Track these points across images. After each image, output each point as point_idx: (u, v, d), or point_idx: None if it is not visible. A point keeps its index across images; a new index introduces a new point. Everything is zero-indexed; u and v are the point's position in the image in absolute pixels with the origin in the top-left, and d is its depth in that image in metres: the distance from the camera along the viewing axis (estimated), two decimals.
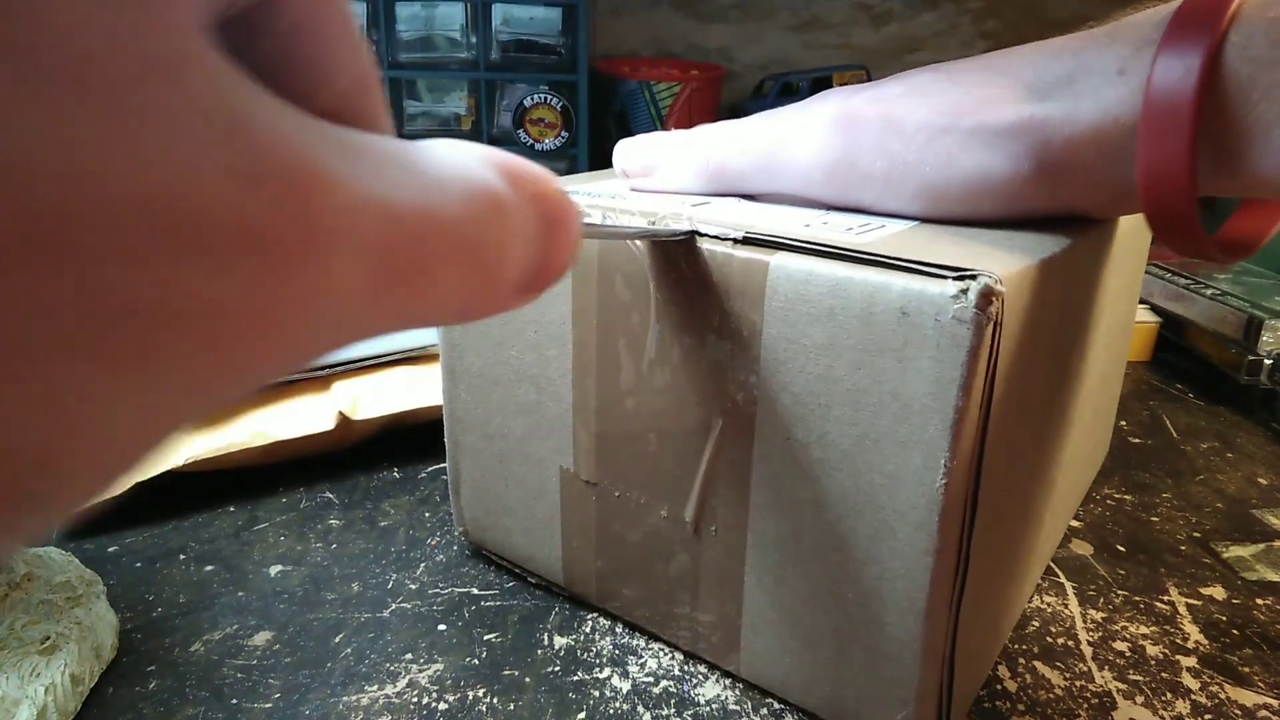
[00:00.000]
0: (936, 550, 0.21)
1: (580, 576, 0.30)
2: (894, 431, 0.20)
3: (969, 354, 0.19)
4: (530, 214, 0.12)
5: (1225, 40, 0.20)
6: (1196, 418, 0.48)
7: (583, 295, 0.26)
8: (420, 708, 0.26)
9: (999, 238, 0.23)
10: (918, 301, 0.19)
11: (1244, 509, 0.38)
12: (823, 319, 0.21)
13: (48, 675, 0.24)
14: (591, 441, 0.27)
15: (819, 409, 0.22)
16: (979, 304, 0.19)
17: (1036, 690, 0.27)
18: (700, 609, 0.27)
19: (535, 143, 0.72)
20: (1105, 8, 0.24)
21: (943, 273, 0.19)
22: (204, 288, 0.08)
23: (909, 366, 0.20)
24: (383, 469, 0.40)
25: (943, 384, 0.19)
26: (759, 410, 0.23)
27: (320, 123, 0.09)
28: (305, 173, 0.09)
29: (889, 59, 0.98)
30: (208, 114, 0.08)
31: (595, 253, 0.25)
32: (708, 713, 0.26)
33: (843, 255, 0.21)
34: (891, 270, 0.20)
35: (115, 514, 0.35)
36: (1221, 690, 0.27)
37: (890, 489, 0.21)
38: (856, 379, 0.21)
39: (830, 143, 0.26)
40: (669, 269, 0.24)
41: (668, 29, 0.96)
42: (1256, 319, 0.48)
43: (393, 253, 0.10)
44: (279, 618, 0.30)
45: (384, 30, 0.69)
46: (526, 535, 0.31)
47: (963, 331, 0.19)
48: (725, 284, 0.23)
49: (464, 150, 0.12)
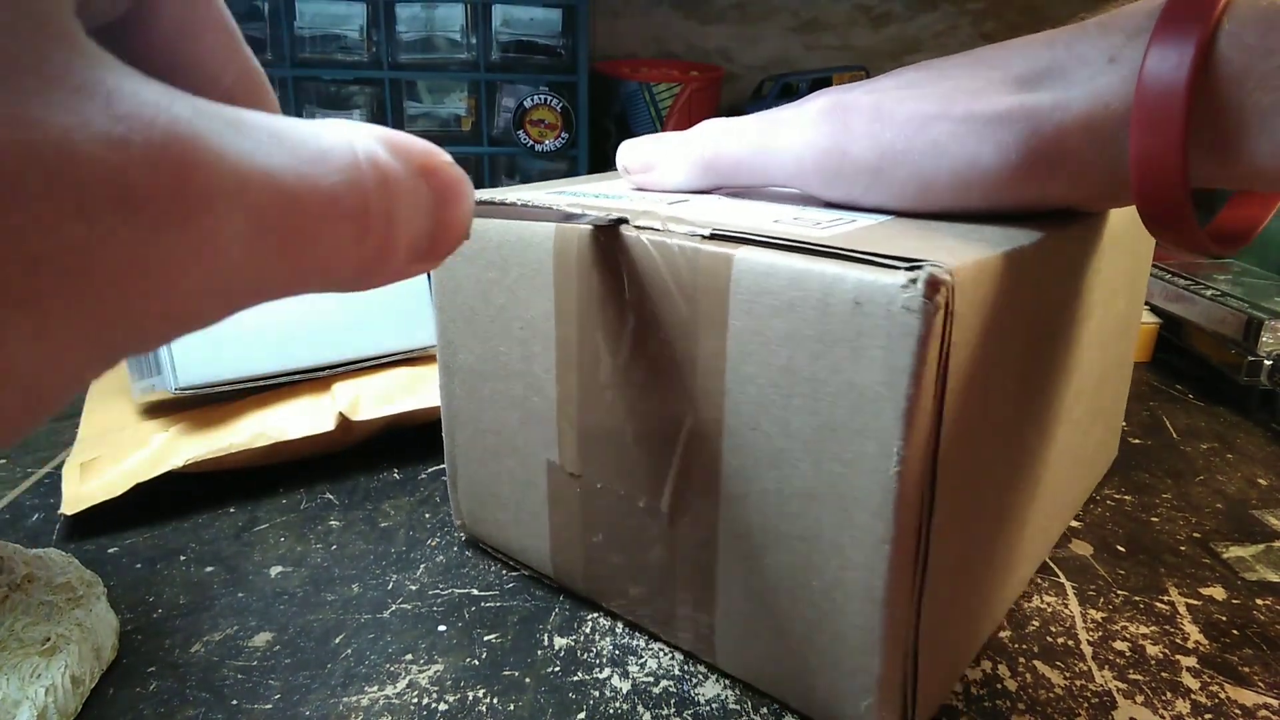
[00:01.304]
0: (894, 538, 0.21)
1: (567, 568, 0.30)
2: (850, 420, 0.21)
3: (919, 342, 0.19)
4: (420, 186, 0.13)
5: (1219, 29, 0.20)
6: (1196, 418, 0.48)
7: (565, 291, 0.26)
8: (420, 708, 0.26)
9: (968, 230, 0.24)
10: (870, 291, 0.20)
11: (1244, 509, 0.38)
12: (784, 311, 0.21)
13: (48, 676, 0.24)
14: (574, 435, 0.28)
15: (782, 399, 0.22)
16: (926, 293, 0.19)
17: (1037, 689, 0.27)
18: (679, 600, 0.27)
19: (535, 144, 0.72)
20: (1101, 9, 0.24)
21: (894, 264, 0.20)
22: (91, 241, 0.09)
23: (863, 356, 0.20)
24: (383, 470, 0.40)
25: (895, 372, 0.20)
26: (727, 402, 0.23)
27: (203, 100, 0.10)
28: (179, 138, 0.10)
29: (888, 60, 0.98)
30: (86, 86, 0.09)
31: (575, 248, 0.25)
32: (708, 712, 0.26)
33: (803, 249, 0.21)
34: (847, 262, 0.20)
35: (116, 515, 0.35)
36: (1221, 690, 0.27)
37: (848, 477, 0.21)
38: (816, 369, 0.21)
39: (822, 130, 0.26)
40: (639, 264, 0.24)
41: (667, 30, 0.96)
42: (1256, 320, 0.48)
43: (273, 216, 0.11)
44: (279, 619, 0.30)
45: (384, 31, 0.69)
46: (518, 528, 0.31)
47: (912, 320, 0.19)
48: (694, 279, 0.23)
49: (353, 127, 0.13)
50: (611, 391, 0.26)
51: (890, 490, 0.21)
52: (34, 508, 0.37)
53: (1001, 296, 0.22)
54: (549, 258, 0.26)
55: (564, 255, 0.26)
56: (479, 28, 0.71)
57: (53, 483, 0.39)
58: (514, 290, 0.28)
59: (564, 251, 0.26)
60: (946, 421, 0.21)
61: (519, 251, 0.27)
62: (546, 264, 0.26)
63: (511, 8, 0.71)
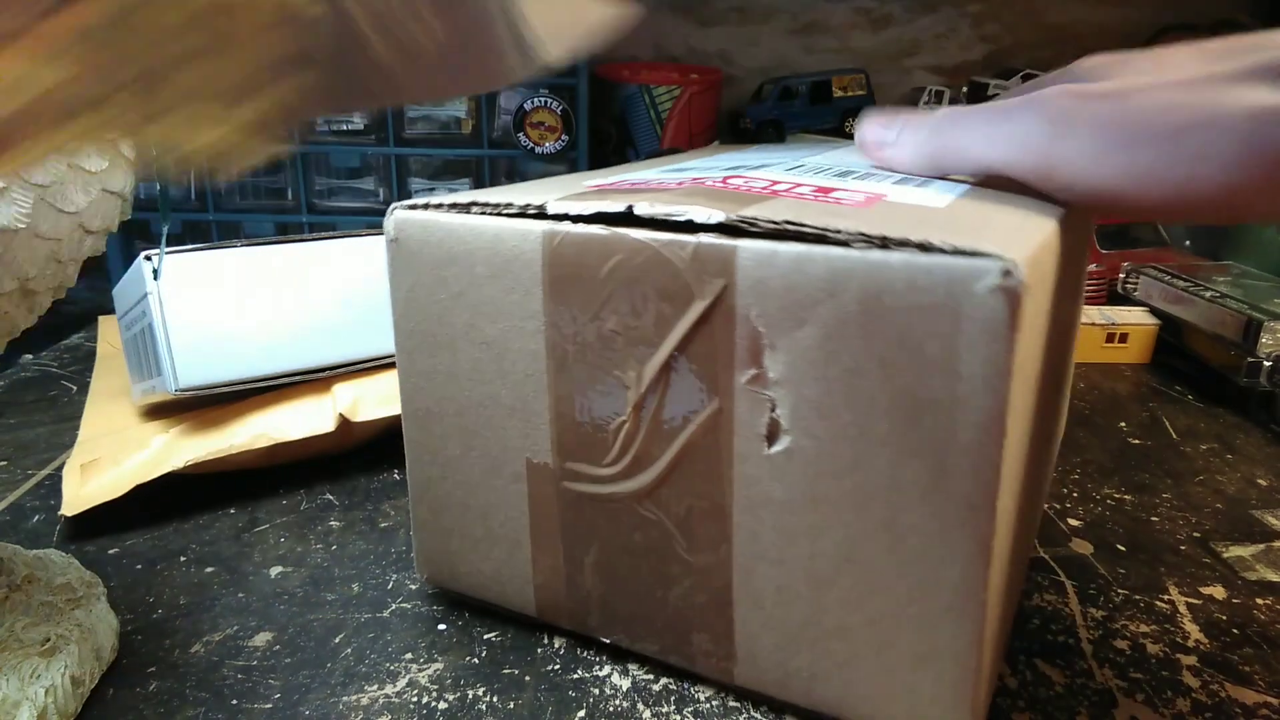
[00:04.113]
0: (986, 536, 0.21)
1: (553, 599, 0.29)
2: (937, 415, 0.21)
3: (1008, 328, 0.19)
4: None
5: None
6: (1196, 419, 0.48)
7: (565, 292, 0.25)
8: (420, 707, 0.26)
9: (1024, 204, 0.24)
10: (960, 280, 0.19)
11: (1244, 509, 0.38)
12: (858, 303, 0.21)
13: (48, 677, 0.24)
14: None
15: (859, 398, 0.22)
16: (1012, 282, 0.19)
17: (1037, 688, 0.27)
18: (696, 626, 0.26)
19: (535, 146, 0.72)
20: (1103, 12, 0.24)
21: (979, 253, 0.19)
22: None
23: (955, 346, 0.20)
24: (383, 471, 0.40)
25: (991, 362, 0.19)
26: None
27: None
28: None
29: (888, 63, 0.98)
30: None
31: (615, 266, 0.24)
32: (708, 710, 0.26)
33: (888, 243, 0.20)
34: (933, 253, 0.20)
35: (116, 516, 0.35)
36: (1222, 689, 0.27)
37: (937, 471, 0.21)
38: (893, 364, 0.21)
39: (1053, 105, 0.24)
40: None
41: (667, 33, 0.96)
42: (1256, 321, 0.48)
43: None
44: (279, 619, 0.30)
45: None
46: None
47: (1001, 308, 0.19)
48: (701, 274, 0.22)
49: None
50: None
51: (990, 485, 0.20)
52: (34, 509, 0.37)
53: (1050, 276, 0.22)
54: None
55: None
56: None
57: (53, 484, 0.39)
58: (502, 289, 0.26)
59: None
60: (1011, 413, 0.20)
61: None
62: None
63: None
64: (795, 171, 0.29)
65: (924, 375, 0.20)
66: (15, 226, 0.21)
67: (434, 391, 0.28)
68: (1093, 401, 0.51)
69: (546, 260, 0.25)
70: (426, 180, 0.74)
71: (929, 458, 0.21)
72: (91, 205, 0.24)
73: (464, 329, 0.27)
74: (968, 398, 0.20)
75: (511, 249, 0.25)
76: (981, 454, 0.20)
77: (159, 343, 0.37)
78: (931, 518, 0.21)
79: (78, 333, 0.60)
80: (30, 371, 0.53)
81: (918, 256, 0.20)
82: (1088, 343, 0.57)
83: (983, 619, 0.22)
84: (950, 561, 0.22)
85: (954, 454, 0.21)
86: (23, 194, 0.21)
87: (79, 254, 0.25)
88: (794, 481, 0.23)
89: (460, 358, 0.27)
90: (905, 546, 0.22)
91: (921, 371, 0.20)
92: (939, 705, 0.23)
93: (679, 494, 0.25)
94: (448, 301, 0.27)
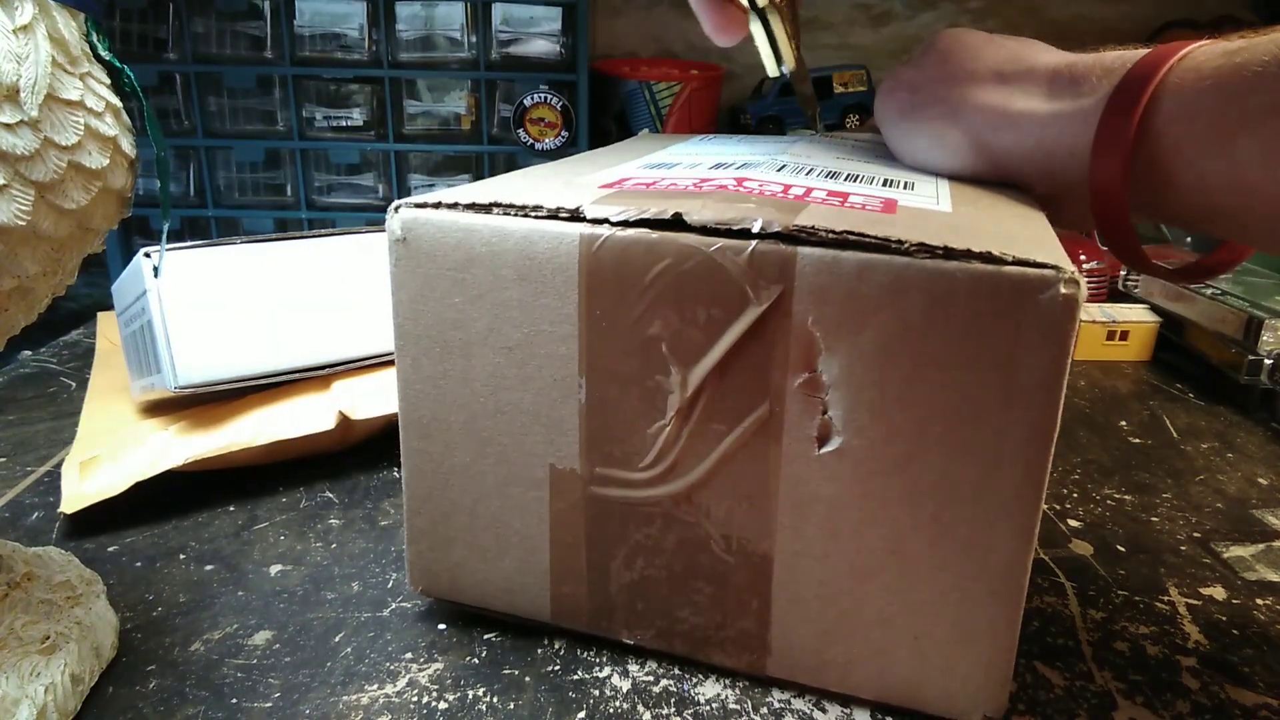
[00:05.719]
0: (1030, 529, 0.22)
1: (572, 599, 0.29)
2: (994, 412, 0.22)
3: (1065, 336, 0.20)
4: None
5: (1154, 106, 0.25)
6: (1196, 417, 0.48)
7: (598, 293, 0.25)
8: (420, 707, 0.26)
9: (1028, 211, 0.27)
10: (1022, 289, 0.21)
11: (1244, 509, 0.38)
12: (921, 311, 0.22)
13: (47, 675, 0.24)
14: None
15: (915, 398, 0.22)
16: (1072, 289, 0.20)
17: (1037, 690, 0.27)
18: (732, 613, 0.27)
19: (535, 142, 0.72)
20: (1104, 8, 0.24)
21: (1041, 265, 0.21)
22: None
23: (1018, 346, 0.21)
24: (383, 469, 0.40)
25: (1052, 363, 0.21)
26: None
27: None
28: None
29: (889, 59, 0.98)
30: None
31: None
32: (708, 712, 0.26)
33: (951, 254, 0.21)
34: (998, 264, 0.21)
35: (115, 514, 0.35)
36: (1222, 690, 0.27)
37: (988, 470, 0.22)
38: (952, 368, 0.22)
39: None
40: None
41: (667, 29, 0.96)
42: (1256, 319, 0.48)
43: None
44: (279, 617, 0.30)
45: (384, 30, 0.69)
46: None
47: (1060, 315, 0.20)
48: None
49: None
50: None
51: (1038, 477, 0.22)
52: (33, 506, 0.37)
53: None
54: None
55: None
56: (479, 26, 0.71)
57: (52, 481, 0.39)
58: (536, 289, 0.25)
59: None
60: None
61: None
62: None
63: (511, 6, 0.71)
64: (788, 173, 0.30)
65: (982, 378, 0.21)
66: (15, 224, 0.21)
67: (441, 398, 0.27)
68: (1093, 399, 0.51)
69: (584, 264, 0.24)
70: (426, 176, 0.74)
71: (983, 455, 0.22)
72: (92, 203, 0.24)
73: (483, 333, 0.26)
74: (1025, 397, 0.21)
75: (544, 252, 0.24)
76: (1033, 450, 0.21)
77: (158, 340, 0.37)
78: (981, 510, 0.22)
79: (77, 329, 0.59)
80: (29, 368, 0.52)
81: (982, 266, 0.21)
82: (1088, 340, 0.57)
83: (1021, 601, 0.23)
84: (995, 550, 0.22)
85: (1008, 450, 0.22)
86: (23, 192, 0.21)
87: (79, 252, 0.25)
88: (844, 480, 0.23)
89: (475, 363, 0.26)
90: (952, 537, 0.23)
91: (980, 374, 0.21)
92: (972, 683, 0.24)
93: (720, 496, 0.25)
94: (464, 305, 0.26)
